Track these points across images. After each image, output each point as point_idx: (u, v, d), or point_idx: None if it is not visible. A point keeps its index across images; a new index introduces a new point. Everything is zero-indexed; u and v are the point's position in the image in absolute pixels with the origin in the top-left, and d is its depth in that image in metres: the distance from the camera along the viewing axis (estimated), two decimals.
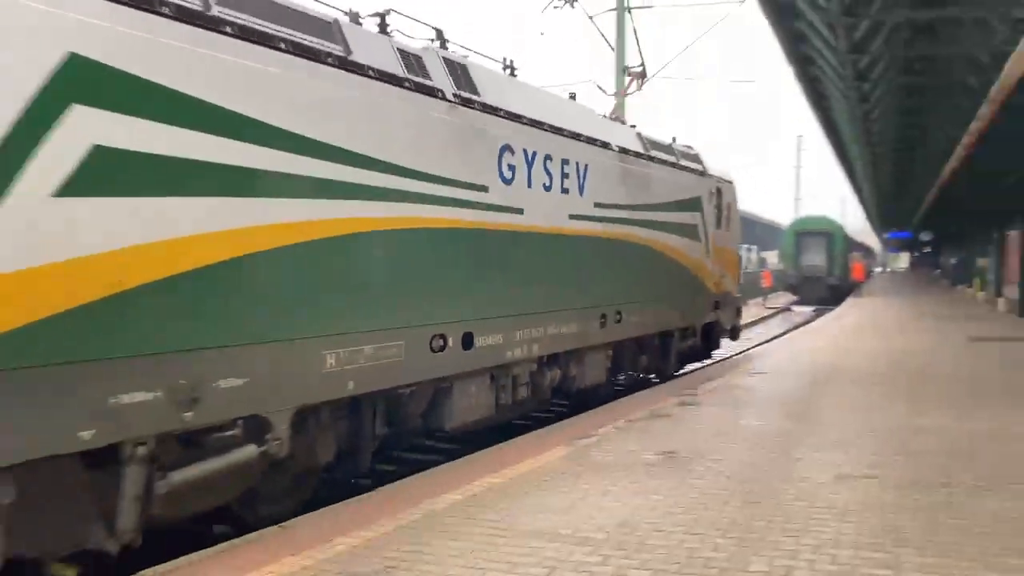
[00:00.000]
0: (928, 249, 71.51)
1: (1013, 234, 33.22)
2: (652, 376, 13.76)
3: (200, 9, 5.51)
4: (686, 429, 8.90)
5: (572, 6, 15.91)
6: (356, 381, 6.66)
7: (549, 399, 10.51)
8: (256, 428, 5.86)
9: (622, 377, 12.97)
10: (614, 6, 22.98)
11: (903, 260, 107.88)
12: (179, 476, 5.40)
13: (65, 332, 4.59)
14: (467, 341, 8.08)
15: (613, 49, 19.59)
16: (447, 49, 8.48)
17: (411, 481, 7.02)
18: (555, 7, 15.96)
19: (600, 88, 24.09)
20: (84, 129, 4.71)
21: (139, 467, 5.09)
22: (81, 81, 4.71)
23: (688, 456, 7.67)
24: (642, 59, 16.93)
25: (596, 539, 5.42)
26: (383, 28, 7.69)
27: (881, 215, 57.29)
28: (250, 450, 5.83)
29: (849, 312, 29.24)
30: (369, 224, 6.81)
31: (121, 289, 4.88)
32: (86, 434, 4.67)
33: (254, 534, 5.67)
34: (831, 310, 32.83)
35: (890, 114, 16.94)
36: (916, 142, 20.99)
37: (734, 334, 16.90)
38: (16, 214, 4.38)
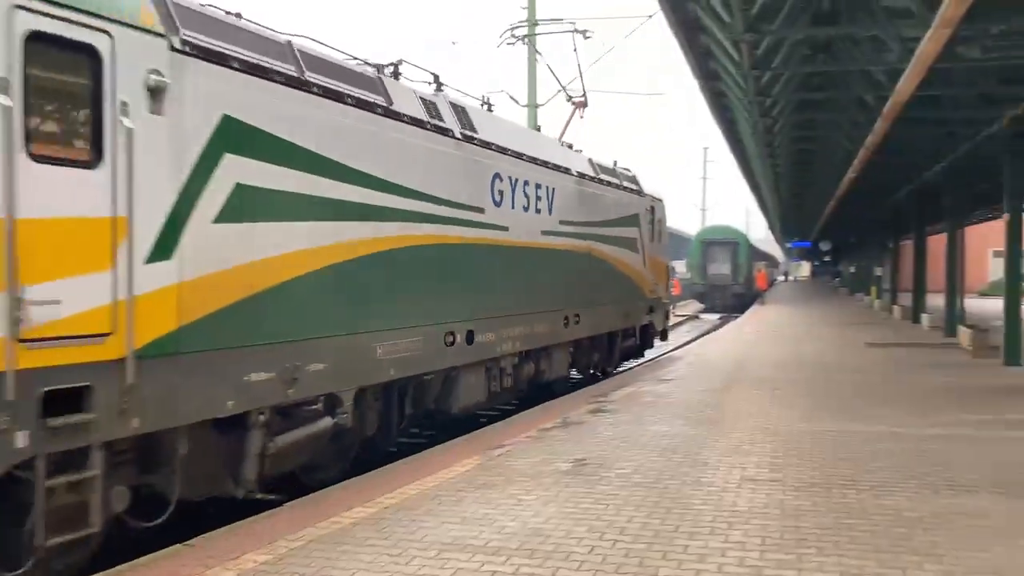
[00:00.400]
0: (828, 258, 74.13)
1: (907, 243, 34.73)
2: (597, 372, 15.18)
3: (296, 75, 7.07)
4: (597, 437, 9.00)
5: (523, 42, 17.30)
6: (395, 368, 8.29)
7: (525, 389, 11.97)
8: (331, 403, 7.49)
9: (575, 372, 14.28)
10: (524, 20, 23.21)
11: (805, 269, 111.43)
12: (282, 440, 6.87)
13: (220, 326, 6.10)
14: (469, 338, 9.74)
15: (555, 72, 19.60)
16: (443, 90, 10.07)
17: (322, 495, 6.92)
18: (508, 44, 17.59)
19: (512, 98, 24.25)
20: (231, 171, 6.23)
21: (259, 431, 6.59)
22: (230, 135, 6.22)
23: (599, 464, 7.76)
24: (583, 88, 17.92)
25: (508, 548, 5.43)
26: (396, 75, 9.13)
27: (783, 225, 59.15)
28: (327, 421, 7.41)
29: (753, 320, 30.08)
30: (403, 241, 8.41)
31: (252, 293, 6.42)
32: (231, 403, 6.21)
33: (165, 550, 5.50)
34: (736, 318, 33.70)
35: (790, 128, 17.51)
36: (815, 155, 21.74)
37: (664, 335, 18.81)
38: (192, 241, 5.86)
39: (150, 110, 5.62)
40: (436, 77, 10.05)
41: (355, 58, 8.61)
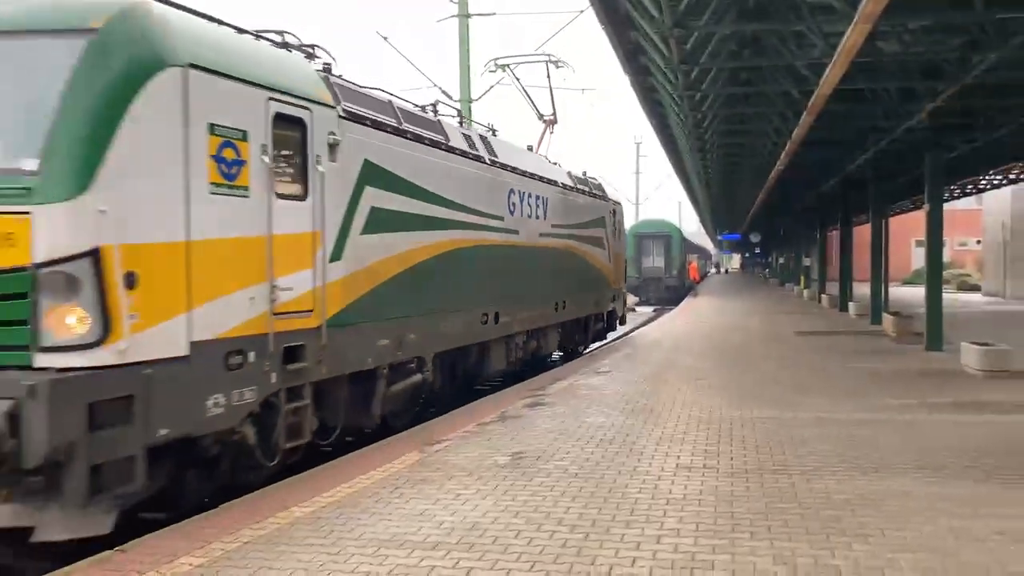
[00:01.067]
0: (758, 250, 75.56)
1: (834, 234, 35.60)
2: (578, 348, 18.33)
3: (396, 125, 9.56)
4: (535, 430, 9.05)
5: (504, 70, 18.40)
6: (453, 340, 11.00)
7: (529, 360, 14.73)
8: (420, 364, 10.15)
9: (559, 352, 17.22)
10: (456, 12, 23.13)
11: (736, 261, 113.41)
12: (393, 388, 9.47)
13: (362, 307, 8.60)
14: (496, 318, 12.47)
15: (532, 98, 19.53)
16: (468, 122, 13.28)
17: (257, 495, 6.82)
18: (491, 71, 18.80)
19: (445, 93, 24.17)
20: (368, 198, 8.75)
21: (383, 381, 9.15)
22: (367, 173, 8.75)
23: (537, 456, 7.80)
24: (553, 107, 19.08)
25: (447, 543, 5.43)
26: (434, 111, 11.55)
27: (715, 218, 60.11)
28: (418, 376, 10.09)
29: (686, 311, 30.54)
30: (457, 244, 11.03)
31: (377, 284, 8.92)
32: (370, 360, 8.79)
33: (93, 557, 5.36)
34: (671, 310, 34.16)
35: (720, 122, 17.77)
36: (745, 149, 22.13)
37: (623, 320, 21.98)
38: (349, 247, 8.36)
39: (329, 159, 8.04)
40: (459, 112, 12.95)
41: (410, 102, 10.86)
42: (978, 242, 48.99)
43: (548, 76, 18.65)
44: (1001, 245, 37.06)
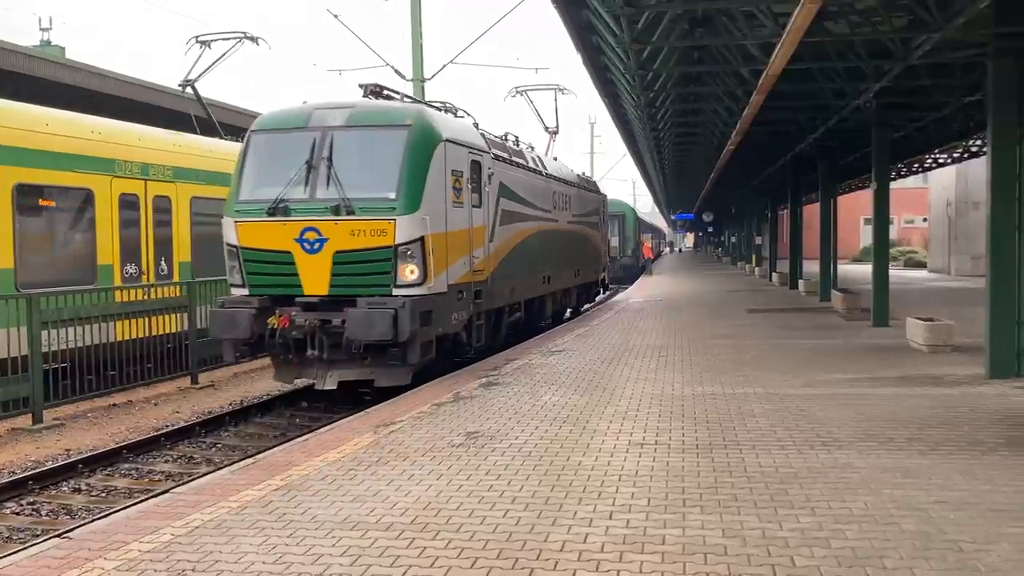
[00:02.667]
0: (711, 229, 76.28)
1: (785, 213, 36.04)
2: (578, 307, 23.39)
3: (502, 156, 14.19)
4: (489, 409, 9.07)
5: (520, 94, 22.30)
6: (531, 292, 16.24)
7: (559, 311, 20.44)
8: (518, 307, 15.42)
9: (568, 312, 22.10)
10: None
11: (690, 240, 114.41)
12: (509, 319, 14.95)
13: (498, 270, 13.52)
14: (547, 280, 17.48)
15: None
16: (520, 142, 17.13)
17: (207, 480, 6.76)
18: (512, 97, 22.43)
19: (398, 73, 23.95)
20: (502, 204, 13.83)
21: (505, 314, 14.71)
22: (502, 190, 13.85)
23: (491, 436, 7.83)
24: (556, 122, 23.35)
25: (401, 523, 5.44)
26: (517, 142, 16.74)
27: (668, 197, 60.54)
28: (518, 314, 15.62)
29: (640, 290, 30.76)
30: (533, 230, 16.07)
31: (503, 257, 13.85)
32: (503, 301, 14.16)
33: (41, 544, 5.27)
34: (625, 288, 34.38)
35: (673, 101, 17.86)
36: (698, 128, 22.28)
37: (605, 287, 28.14)
38: (495, 234, 13.41)
39: (488, 183, 13.08)
40: (513, 135, 16.82)
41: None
42: (924, 220, 50.02)
43: (556, 100, 22.89)
44: (946, 223, 37.88)
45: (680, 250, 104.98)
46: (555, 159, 20.77)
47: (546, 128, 23.12)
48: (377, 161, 11.03)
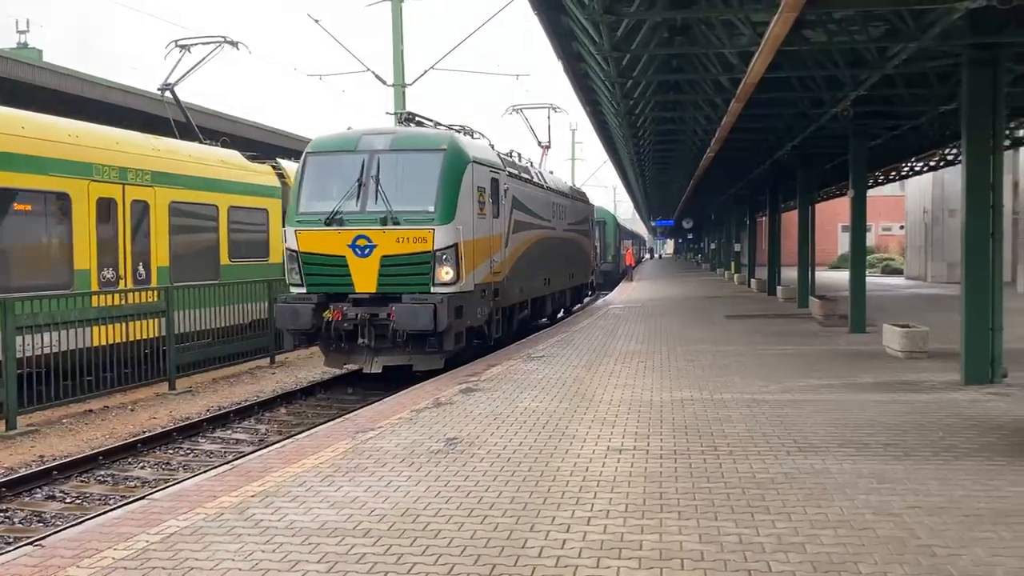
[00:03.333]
0: (691, 235, 76.64)
1: (764, 220, 36.26)
2: (571, 307, 25.73)
3: (514, 173, 16.42)
4: (468, 415, 9.07)
5: (516, 112, 24.47)
6: (535, 292, 18.20)
7: (556, 310, 22.75)
8: (525, 305, 17.61)
9: (561, 311, 24.31)
10: None
11: (670, 246, 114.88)
12: (518, 316, 17.21)
13: (511, 272, 15.64)
14: (548, 281, 19.48)
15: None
16: (520, 157, 19.17)
17: (183, 486, 6.71)
18: (509, 115, 24.64)
19: (379, 78, 23.91)
20: (514, 215, 16.00)
21: (515, 311, 16.80)
22: (514, 202, 16.04)
23: (470, 442, 7.83)
24: (549, 138, 25.55)
25: (379, 530, 5.42)
26: (519, 156, 18.94)
27: (648, 204, 60.75)
28: (525, 312, 17.88)
29: (620, 296, 30.85)
30: (537, 237, 18.08)
31: (515, 259, 16.05)
32: (513, 299, 16.14)
33: (12, 551, 5.21)
34: (606, 294, 34.45)
35: (653, 109, 17.95)
36: (677, 135, 22.38)
37: (593, 290, 31.21)
38: (509, 241, 15.53)
39: (504, 197, 14.96)
40: (517, 152, 18.92)
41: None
42: (901, 227, 50.46)
43: (548, 117, 25.43)
44: (922, 230, 38.24)
45: (660, 256, 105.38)
46: (551, 172, 23.22)
47: (539, 143, 25.23)
48: (417, 179, 12.96)
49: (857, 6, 10.30)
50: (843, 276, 28.13)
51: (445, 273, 12.63)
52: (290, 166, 20.14)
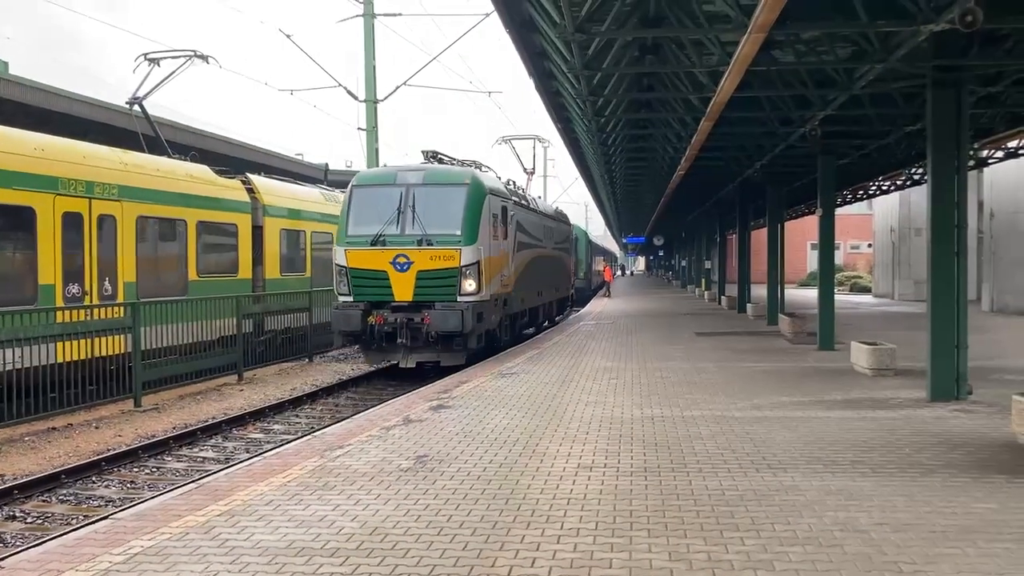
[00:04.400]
0: (662, 253, 77.05)
1: (734, 237, 36.53)
2: (556, 318, 29.11)
3: (516, 200, 19.36)
4: (439, 433, 9.02)
5: (505, 143, 26.66)
6: (531, 302, 21.17)
7: (545, 319, 25.69)
8: (524, 314, 20.68)
9: (546, 322, 26.72)
10: (361, 12, 22.89)
11: (642, 263, 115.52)
12: (519, 323, 20.14)
13: (516, 285, 18.67)
14: (540, 293, 22.47)
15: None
16: (517, 184, 21.84)
17: (148, 505, 6.60)
18: (498, 145, 26.75)
19: (351, 94, 23.91)
20: (517, 236, 18.90)
21: (519, 318, 19.89)
22: (517, 225, 18.94)
23: (439, 459, 7.78)
24: (533, 164, 28.28)
25: (346, 549, 5.36)
26: (514, 183, 21.14)
27: (619, 221, 61.04)
28: (524, 319, 20.89)
29: (591, 311, 30.91)
30: (533, 255, 21.27)
31: (518, 275, 18.96)
32: (516, 309, 18.92)
33: None
34: (578, 310, 34.51)
35: (624, 127, 18.07)
36: (648, 153, 22.55)
37: (574, 302, 35.71)
38: (513, 258, 18.47)
39: (510, 222, 17.97)
40: (511, 180, 21.03)
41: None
42: (869, 245, 51.09)
43: (534, 147, 28.59)
44: (890, 248, 38.73)
45: (632, 273, 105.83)
46: (539, 198, 27.91)
47: (524, 169, 27.85)
48: (446, 208, 15.61)
49: (825, 28, 10.44)
50: (812, 294, 28.40)
51: (469, 285, 15.35)
52: (260, 181, 20.03)
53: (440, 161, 17.58)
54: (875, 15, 9.58)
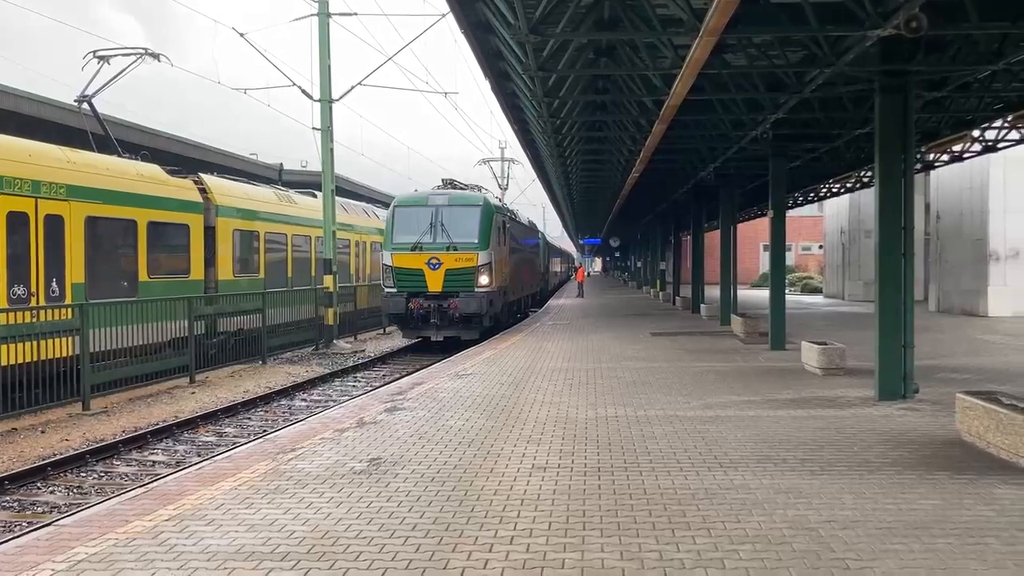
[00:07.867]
0: (618, 254, 77.54)
1: (688, 239, 36.86)
2: (531, 308, 34.62)
3: (510, 216, 27.57)
4: (393, 435, 8.97)
5: (484, 164, 36.43)
6: (520, 295, 29.40)
7: (522, 308, 31.15)
8: (517, 303, 28.77)
9: (519, 314, 30.54)
10: (316, 11, 22.69)
11: (598, 265, 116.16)
12: (512, 309, 27.66)
13: (507, 281, 24.58)
14: (521, 288, 29.37)
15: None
16: (503, 202, 31.73)
17: (94, 511, 6.47)
18: (480, 164, 36.44)
19: (305, 93, 23.67)
20: (510, 243, 25.73)
21: (512, 305, 27.13)
22: (510, 234, 25.73)
23: (393, 461, 7.74)
24: (507, 180, 38.10)
25: (297, 553, 5.31)
26: (500, 200, 33.10)
27: (576, 222, 61.30)
28: (517, 307, 29.17)
29: (548, 313, 31.01)
30: (519, 258, 28.80)
31: (511, 273, 25.49)
32: (511, 298, 25.91)
33: None
34: (535, 311, 34.58)
35: (579, 128, 18.15)
36: (604, 155, 22.68)
37: (546, 297, 43.19)
38: (509, 261, 25.17)
39: (505, 231, 24.27)
40: (499, 198, 31.02)
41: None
42: (820, 247, 51.89)
43: (507, 167, 36.08)
44: (840, 250, 39.38)
45: (589, 274, 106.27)
46: (517, 210, 34.03)
47: (499, 185, 35.83)
48: (466, 223, 21.51)
49: (775, 32, 10.59)
50: (765, 294, 28.80)
51: (483, 279, 21.17)
52: (213, 181, 19.77)
53: (455, 186, 24.13)
54: (825, 20, 9.75)
